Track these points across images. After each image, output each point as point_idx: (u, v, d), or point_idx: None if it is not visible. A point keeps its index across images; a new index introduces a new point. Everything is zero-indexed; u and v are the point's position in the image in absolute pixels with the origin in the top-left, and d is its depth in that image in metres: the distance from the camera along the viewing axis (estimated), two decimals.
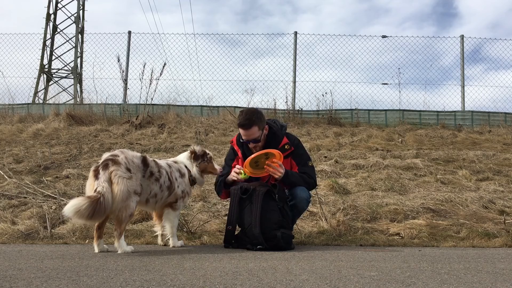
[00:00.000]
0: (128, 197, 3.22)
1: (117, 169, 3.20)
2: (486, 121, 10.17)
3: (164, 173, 3.59)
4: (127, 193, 3.21)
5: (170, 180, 3.64)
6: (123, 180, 3.19)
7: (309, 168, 3.96)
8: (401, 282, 2.30)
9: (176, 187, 3.68)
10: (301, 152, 4.02)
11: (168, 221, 3.72)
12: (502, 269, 2.82)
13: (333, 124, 9.98)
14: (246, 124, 3.82)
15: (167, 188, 3.61)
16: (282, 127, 4.09)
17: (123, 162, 3.26)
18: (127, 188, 3.21)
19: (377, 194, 5.75)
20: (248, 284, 2.21)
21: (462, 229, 4.59)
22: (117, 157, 3.27)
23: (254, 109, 3.98)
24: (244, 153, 3.99)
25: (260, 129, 3.86)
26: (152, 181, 3.49)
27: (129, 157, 3.35)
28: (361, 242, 4.24)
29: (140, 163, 3.41)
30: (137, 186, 3.32)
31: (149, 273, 2.45)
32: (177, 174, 3.74)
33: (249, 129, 3.82)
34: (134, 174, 3.30)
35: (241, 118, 3.87)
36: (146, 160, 3.49)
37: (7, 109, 11.05)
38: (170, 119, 10.03)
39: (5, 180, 6.12)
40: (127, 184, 3.21)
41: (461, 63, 11.13)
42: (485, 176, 6.64)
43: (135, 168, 3.33)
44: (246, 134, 3.85)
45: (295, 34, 11.40)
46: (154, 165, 3.55)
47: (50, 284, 2.14)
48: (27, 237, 4.29)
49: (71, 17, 17.42)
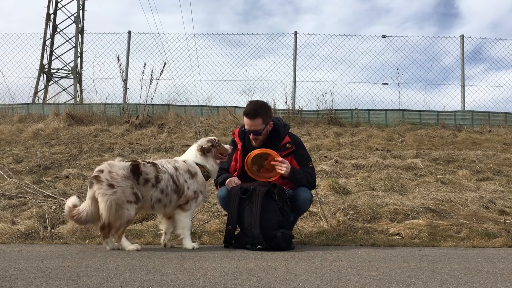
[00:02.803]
0: (118, 209, 3.34)
1: (99, 187, 3.35)
2: (486, 121, 10.17)
3: (165, 177, 3.54)
4: (116, 206, 3.34)
5: (176, 183, 3.58)
6: (106, 197, 3.33)
7: (310, 169, 3.96)
8: (401, 282, 2.30)
9: (186, 189, 3.62)
10: (303, 152, 4.01)
11: (177, 222, 3.66)
12: (502, 269, 2.82)
13: (333, 124, 9.98)
14: (251, 114, 3.82)
15: (174, 191, 3.57)
16: (285, 125, 4.10)
17: (105, 179, 3.36)
18: (112, 203, 3.33)
19: (377, 194, 5.75)
20: (248, 284, 2.21)
21: (462, 229, 4.59)
22: (100, 175, 3.38)
23: (264, 102, 3.98)
24: (245, 146, 3.97)
25: (264, 122, 3.85)
26: (148, 187, 3.49)
27: (114, 170, 3.39)
28: (361, 242, 4.24)
29: (129, 172, 3.43)
30: (128, 196, 3.38)
31: (149, 273, 2.45)
32: (187, 175, 3.66)
33: (253, 119, 3.81)
34: (120, 187, 3.36)
35: (248, 107, 3.88)
36: (138, 169, 3.48)
37: (7, 109, 11.05)
38: (170, 119, 10.03)
39: (5, 180, 6.12)
40: (111, 199, 3.32)
41: (461, 63, 11.13)
42: (485, 176, 6.63)
43: (121, 180, 3.37)
44: (249, 124, 3.84)
45: (295, 34, 11.39)
46: (151, 171, 3.51)
47: (50, 284, 2.14)
48: (27, 237, 4.29)
49: (71, 17, 17.44)
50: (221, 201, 3.92)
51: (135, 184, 3.44)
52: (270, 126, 3.93)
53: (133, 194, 3.41)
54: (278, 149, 3.88)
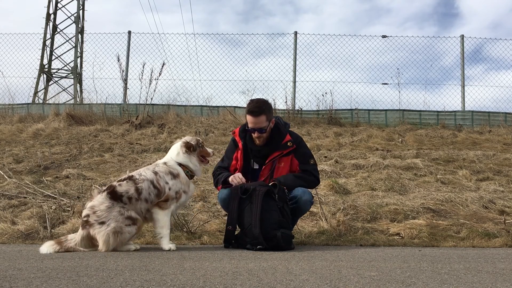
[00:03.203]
0: (117, 236, 3.37)
1: (93, 229, 3.37)
2: (486, 121, 10.17)
3: (145, 185, 3.48)
4: (114, 235, 3.35)
5: (157, 187, 3.52)
6: (102, 232, 3.36)
7: (311, 166, 3.96)
8: (401, 282, 2.30)
9: (167, 190, 3.55)
10: (304, 150, 4.01)
11: (155, 221, 3.56)
12: (502, 269, 2.82)
13: (333, 124, 9.98)
14: (256, 112, 3.81)
15: (156, 196, 3.53)
16: (286, 124, 4.11)
17: (94, 221, 3.38)
18: (110, 235, 3.35)
19: (377, 194, 5.75)
20: (248, 284, 2.21)
21: (462, 229, 4.59)
22: (88, 219, 3.40)
23: (264, 99, 3.97)
24: (245, 145, 3.96)
25: (267, 119, 3.86)
26: (134, 203, 3.47)
27: (97, 209, 3.40)
28: (361, 242, 4.24)
29: (110, 201, 3.41)
30: (123, 221, 3.38)
31: (149, 273, 2.45)
32: (168, 177, 3.58)
33: (257, 117, 3.81)
34: (111, 219, 3.37)
35: (251, 105, 3.86)
36: (115, 193, 3.44)
37: (7, 109, 11.05)
38: (170, 119, 10.03)
39: (5, 180, 6.12)
40: (109, 233, 3.35)
41: (461, 63, 11.13)
42: (485, 176, 6.63)
43: (107, 213, 3.38)
44: (254, 122, 3.83)
45: (295, 34, 11.39)
46: (129, 186, 3.46)
47: (50, 284, 2.14)
48: (27, 237, 4.29)
49: (71, 17, 17.43)
50: (222, 202, 3.90)
51: (123, 207, 3.42)
52: (272, 123, 3.94)
53: (127, 218, 3.40)
54: (280, 147, 3.89)
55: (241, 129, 4.03)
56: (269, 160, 3.90)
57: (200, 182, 6.28)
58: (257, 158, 3.97)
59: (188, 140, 3.76)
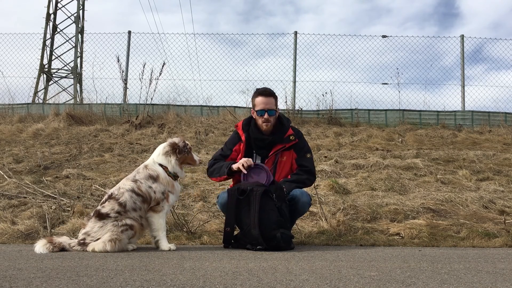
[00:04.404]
0: (115, 244, 3.37)
1: (94, 246, 3.36)
2: (486, 121, 10.17)
3: (127, 198, 3.46)
4: (110, 244, 3.35)
5: (140, 194, 3.50)
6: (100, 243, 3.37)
7: (307, 159, 4.00)
8: (401, 282, 2.30)
9: (153, 193, 3.52)
10: (303, 144, 4.07)
11: (151, 224, 3.56)
12: (502, 269, 2.82)
13: (333, 124, 9.98)
14: (267, 92, 3.99)
15: (142, 202, 3.51)
16: (288, 120, 4.19)
17: (90, 240, 3.41)
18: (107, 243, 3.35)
19: (377, 194, 5.75)
20: (248, 284, 2.21)
21: (462, 229, 4.59)
22: (85, 241, 3.42)
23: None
24: (249, 137, 3.96)
25: (276, 104, 4.01)
26: (124, 217, 3.46)
27: (91, 231, 3.42)
28: (361, 242, 4.24)
29: (101, 222, 3.42)
30: (117, 229, 3.39)
31: (149, 273, 2.45)
32: (150, 181, 3.54)
33: (269, 97, 3.95)
34: (106, 232, 3.38)
35: (261, 89, 4.04)
36: (102, 215, 3.44)
37: (7, 109, 11.05)
38: (170, 119, 10.03)
39: (5, 180, 6.12)
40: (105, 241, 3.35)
41: (461, 63, 11.12)
42: (485, 176, 6.63)
43: (101, 229, 3.40)
44: (265, 102, 3.92)
45: (295, 34, 11.39)
46: (112, 204, 3.45)
47: (50, 284, 2.14)
48: (27, 237, 4.29)
49: (71, 17, 17.40)
50: (221, 207, 3.89)
51: (116, 220, 3.42)
52: (277, 113, 4.03)
53: (123, 225, 3.41)
54: (283, 140, 3.93)
55: (244, 122, 4.05)
56: (272, 152, 3.91)
57: (200, 182, 6.28)
58: (260, 150, 3.96)
59: (176, 142, 3.70)
